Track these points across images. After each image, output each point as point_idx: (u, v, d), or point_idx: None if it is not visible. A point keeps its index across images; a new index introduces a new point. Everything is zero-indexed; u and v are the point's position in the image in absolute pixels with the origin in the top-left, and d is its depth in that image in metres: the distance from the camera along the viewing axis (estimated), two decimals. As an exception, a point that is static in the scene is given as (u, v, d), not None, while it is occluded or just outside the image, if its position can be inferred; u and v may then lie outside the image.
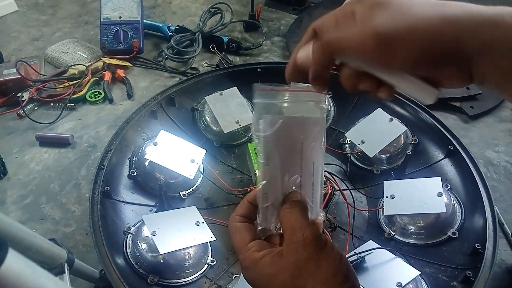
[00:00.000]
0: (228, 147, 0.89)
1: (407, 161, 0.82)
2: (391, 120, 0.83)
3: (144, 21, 1.14)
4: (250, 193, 0.42)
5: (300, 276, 0.36)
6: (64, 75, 1.04)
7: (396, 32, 0.30)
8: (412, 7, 0.31)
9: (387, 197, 0.75)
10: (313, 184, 0.41)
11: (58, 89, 1.01)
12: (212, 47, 1.13)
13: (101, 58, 1.09)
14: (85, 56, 1.09)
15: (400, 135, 0.82)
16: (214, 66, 1.10)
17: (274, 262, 0.37)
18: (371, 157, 0.81)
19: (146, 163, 0.78)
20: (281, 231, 0.40)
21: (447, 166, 0.82)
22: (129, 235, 0.70)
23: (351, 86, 0.37)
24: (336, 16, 0.36)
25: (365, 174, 0.85)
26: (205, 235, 0.68)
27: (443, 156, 0.82)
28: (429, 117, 0.85)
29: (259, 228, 0.40)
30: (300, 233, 0.36)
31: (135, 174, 0.78)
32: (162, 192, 0.74)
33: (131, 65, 1.10)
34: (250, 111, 0.88)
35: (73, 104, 0.99)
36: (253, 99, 0.40)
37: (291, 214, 0.38)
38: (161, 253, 0.63)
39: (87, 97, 1.00)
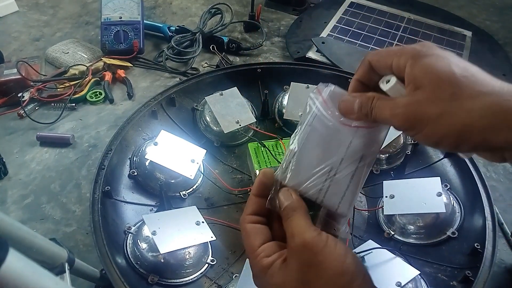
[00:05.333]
0: (228, 147, 0.89)
1: (407, 161, 0.82)
2: (391, 120, 0.83)
3: (145, 21, 1.14)
4: (254, 185, 0.41)
5: (307, 282, 0.35)
6: (65, 75, 1.04)
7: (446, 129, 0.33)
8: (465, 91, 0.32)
9: (386, 197, 0.75)
10: (348, 186, 0.38)
11: (58, 89, 1.01)
12: (212, 47, 1.14)
13: (102, 58, 1.09)
14: (86, 57, 1.10)
15: (400, 135, 0.82)
16: (214, 67, 1.11)
17: (281, 271, 0.36)
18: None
19: (147, 163, 0.78)
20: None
21: (447, 166, 0.82)
22: (130, 234, 0.70)
23: None
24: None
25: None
26: (205, 234, 0.69)
27: (442, 156, 0.83)
28: (428, 117, 0.85)
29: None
30: (298, 238, 0.36)
31: (136, 174, 0.78)
32: (162, 192, 0.75)
33: (131, 65, 1.11)
34: (250, 111, 0.88)
35: (74, 104, 0.99)
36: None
37: (291, 222, 0.37)
38: (161, 252, 0.64)
39: (87, 97, 1.01)
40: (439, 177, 0.74)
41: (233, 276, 0.69)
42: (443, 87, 0.32)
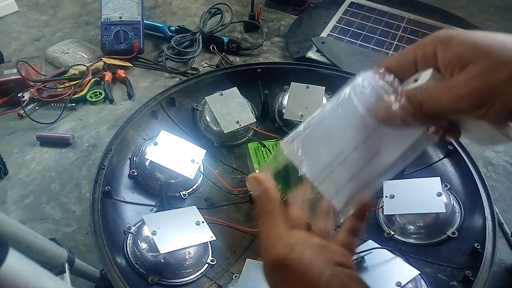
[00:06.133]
0: (228, 147, 0.89)
1: (407, 161, 0.82)
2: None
3: (145, 21, 1.14)
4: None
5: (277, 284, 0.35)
6: (65, 75, 1.04)
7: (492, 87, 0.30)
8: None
9: (386, 197, 0.75)
10: (351, 179, 0.36)
11: (58, 89, 1.01)
12: (212, 47, 1.14)
13: (102, 58, 1.09)
14: (86, 57, 1.10)
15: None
16: (214, 67, 1.11)
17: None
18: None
19: (147, 163, 0.78)
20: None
21: (447, 166, 0.82)
22: (130, 234, 0.70)
23: None
24: None
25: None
26: (206, 234, 0.69)
27: (442, 156, 0.83)
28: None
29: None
30: (269, 250, 0.35)
31: (136, 174, 0.78)
32: (162, 192, 0.75)
33: (131, 65, 1.11)
34: (250, 111, 0.88)
35: (74, 104, 0.99)
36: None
37: (261, 224, 0.36)
38: (161, 252, 0.64)
39: (87, 97, 1.01)
40: (439, 177, 0.74)
41: (233, 276, 0.69)
42: (498, 53, 0.30)
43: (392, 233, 0.74)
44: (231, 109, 0.87)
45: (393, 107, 0.34)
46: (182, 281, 0.67)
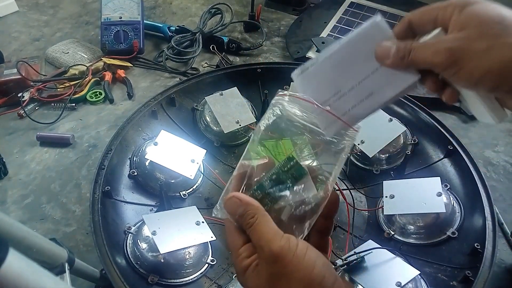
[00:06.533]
0: (228, 147, 0.89)
1: (407, 161, 0.82)
2: (391, 120, 0.83)
3: (145, 21, 1.14)
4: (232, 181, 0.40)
5: None
6: (65, 75, 1.05)
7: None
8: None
9: (386, 197, 0.75)
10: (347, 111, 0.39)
11: (58, 89, 1.01)
12: (212, 47, 1.14)
13: (102, 58, 1.09)
14: (86, 57, 1.10)
15: (400, 135, 0.82)
16: (214, 67, 1.11)
17: (253, 276, 0.36)
18: (370, 157, 0.81)
19: (147, 163, 0.78)
20: None
21: (447, 166, 0.82)
22: (130, 234, 0.70)
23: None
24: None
25: (364, 174, 0.85)
26: (205, 234, 0.69)
27: (442, 156, 0.83)
28: (428, 117, 0.85)
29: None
30: (266, 248, 0.35)
31: (136, 174, 0.78)
32: (162, 192, 0.75)
33: (131, 65, 1.11)
34: (250, 111, 0.88)
35: (74, 104, 0.99)
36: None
37: (254, 230, 0.36)
38: (161, 252, 0.64)
39: (87, 97, 1.01)
40: (439, 177, 0.74)
41: (233, 276, 0.69)
42: (491, 25, 0.33)
43: (392, 233, 0.74)
44: (231, 109, 0.87)
45: (391, 51, 0.38)
46: (182, 281, 0.67)
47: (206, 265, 0.70)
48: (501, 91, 0.34)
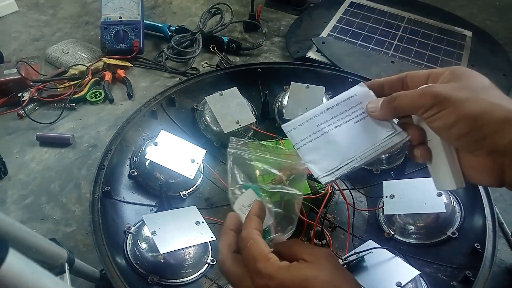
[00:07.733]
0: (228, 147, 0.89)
1: (407, 161, 0.82)
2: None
3: (145, 21, 1.14)
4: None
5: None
6: (65, 75, 1.05)
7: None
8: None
9: (386, 197, 0.75)
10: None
11: (58, 89, 1.01)
12: (212, 47, 1.14)
13: (102, 58, 1.09)
14: (86, 56, 1.10)
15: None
16: (214, 66, 1.11)
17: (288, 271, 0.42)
18: (370, 157, 0.81)
19: (147, 163, 0.78)
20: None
21: (447, 166, 0.81)
22: (130, 234, 0.70)
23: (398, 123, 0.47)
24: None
25: (364, 174, 0.85)
26: (206, 234, 0.69)
27: (442, 156, 0.82)
28: (428, 117, 0.85)
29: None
30: (263, 264, 0.42)
31: (136, 174, 0.78)
32: (162, 192, 0.75)
33: (131, 65, 1.11)
34: (250, 111, 0.88)
35: (74, 104, 0.99)
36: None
37: (249, 250, 0.44)
38: (161, 252, 0.64)
39: (87, 97, 1.01)
40: (439, 177, 0.74)
41: (233, 276, 0.68)
42: (474, 83, 0.40)
43: (392, 233, 0.74)
44: (231, 109, 0.87)
45: (378, 104, 0.46)
46: (182, 281, 0.67)
47: (206, 265, 0.70)
48: (470, 139, 0.38)
